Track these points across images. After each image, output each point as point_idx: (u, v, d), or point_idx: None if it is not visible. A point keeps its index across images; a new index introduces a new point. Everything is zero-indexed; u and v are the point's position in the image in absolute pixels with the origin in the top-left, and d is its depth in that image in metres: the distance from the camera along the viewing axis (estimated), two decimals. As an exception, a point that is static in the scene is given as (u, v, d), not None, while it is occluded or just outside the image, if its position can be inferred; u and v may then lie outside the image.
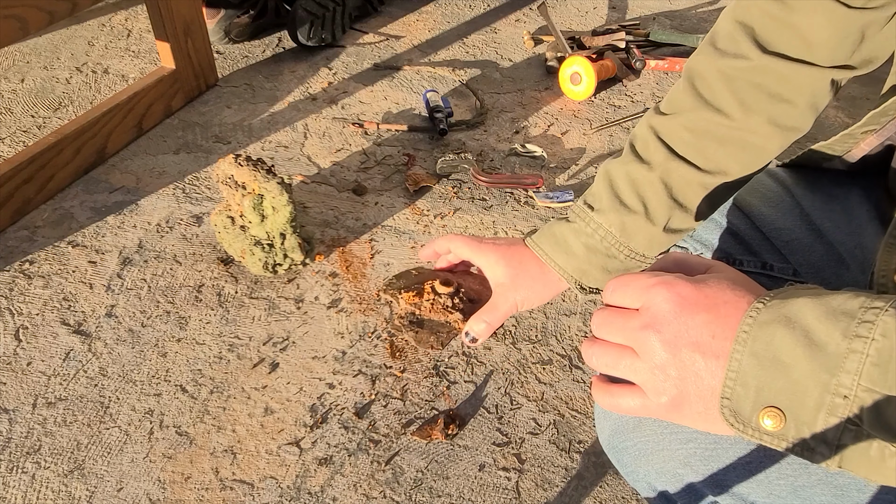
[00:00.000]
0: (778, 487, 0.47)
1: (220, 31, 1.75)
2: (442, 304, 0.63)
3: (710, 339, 0.39)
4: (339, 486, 0.88)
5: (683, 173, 0.57)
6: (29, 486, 0.86)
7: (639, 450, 0.54)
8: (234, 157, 1.08)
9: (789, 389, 0.37)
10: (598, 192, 0.60)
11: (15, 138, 1.42)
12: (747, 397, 0.38)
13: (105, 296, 1.10)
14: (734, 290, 0.40)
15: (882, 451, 0.35)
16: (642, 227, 0.58)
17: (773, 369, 0.37)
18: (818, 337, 0.37)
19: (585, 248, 0.59)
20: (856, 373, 0.35)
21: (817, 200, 0.65)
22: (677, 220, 0.59)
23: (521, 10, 2.05)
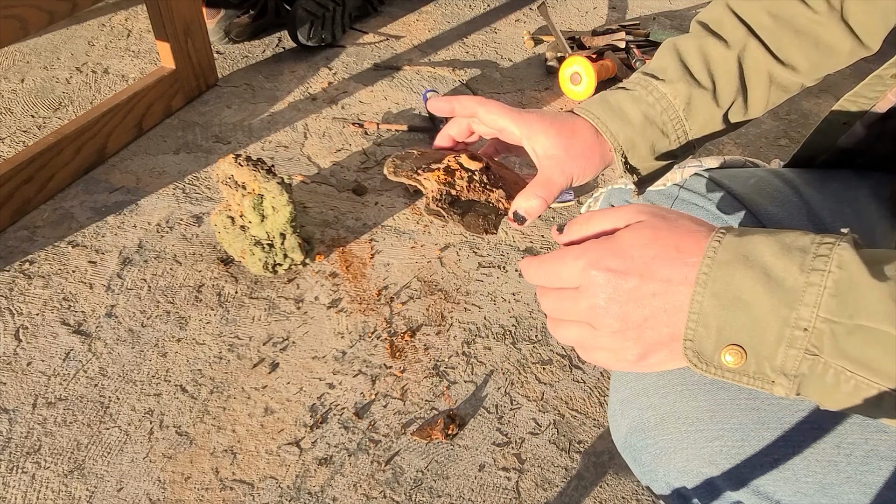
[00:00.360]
0: (805, 485, 0.47)
1: (220, 31, 1.75)
2: (479, 182, 0.53)
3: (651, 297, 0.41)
4: (339, 486, 0.88)
5: (758, 56, 0.56)
6: (29, 486, 0.86)
7: (660, 448, 0.52)
8: (234, 157, 1.08)
9: (750, 326, 0.38)
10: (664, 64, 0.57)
11: (15, 138, 1.42)
12: (709, 338, 0.39)
13: (105, 296, 1.10)
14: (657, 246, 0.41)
15: (837, 378, 0.37)
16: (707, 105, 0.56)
17: (734, 308, 0.39)
18: (776, 273, 0.38)
19: (643, 118, 0.55)
20: (814, 305, 0.37)
21: (827, 200, 0.65)
22: (736, 108, 0.57)
23: (521, 10, 2.05)
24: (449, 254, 1.22)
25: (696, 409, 0.50)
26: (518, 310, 1.12)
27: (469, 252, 1.22)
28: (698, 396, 0.50)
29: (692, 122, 0.56)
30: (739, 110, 0.58)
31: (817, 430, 0.47)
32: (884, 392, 0.36)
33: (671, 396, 0.52)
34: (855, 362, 0.36)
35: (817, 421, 0.47)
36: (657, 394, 0.52)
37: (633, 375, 0.55)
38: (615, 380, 0.58)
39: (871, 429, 0.46)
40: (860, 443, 0.46)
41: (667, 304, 0.41)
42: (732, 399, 0.49)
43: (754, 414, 0.48)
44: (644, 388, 0.54)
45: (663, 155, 0.58)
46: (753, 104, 0.58)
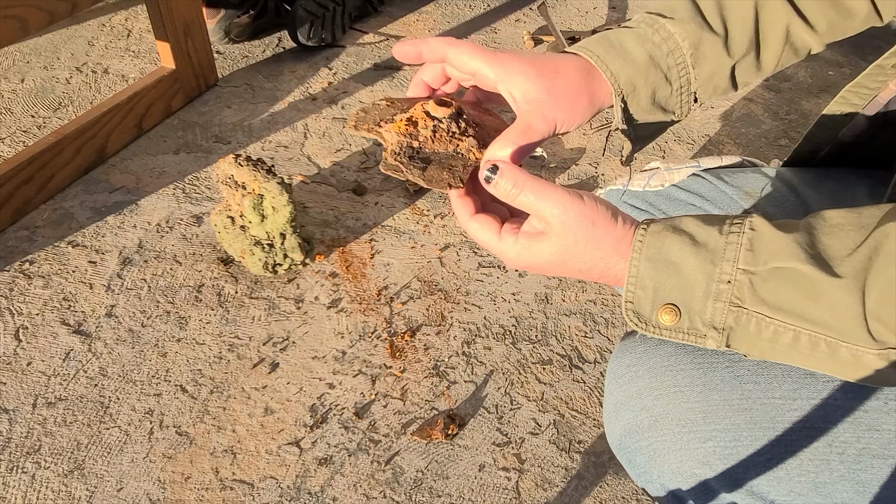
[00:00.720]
0: (798, 485, 0.47)
1: (220, 31, 1.75)
2: (446, 130, 0.47)
3: None
4: (339, 486, 0.88)
5: (778, 8, 0.53)
6: (29, 486, 0.86)
7: (654, 450, 0.53)
8: (234, 157, 1.08)
9: (681, 285, 0.42)
10: (673, 4, 0.52)
11: (15, 138, 1.42)
12: (646, 298, 0.43)
13: (105, 296, 1.10)
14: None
15: (759, 326, 0.41)
16: (716, 54, 0.52)
17: (667, 270, 0.43)
18: (701, 238, 0.43)
19: (648, 59, 0.50)
20: (734, 259, 0.41)
21: (824, 200, 0.65)
22: (747, 63, 0.54)
23: (521, 10, 2.05)
24: (449, 254, 1.22)
25: (688, 411, 0.50)
26: (518, 310, 1.12)
27: (469, 252, 1.22)
28: (690, 398, 0.51)
29: (699, 70, 0.52)
30: (750, 66, 0.55)
31: (809, 430, 0.47)
32: (799, 333, 0.40)
33: (664, 398, 0.52)
34: (772, 307, 0.41)
35: (810, 420, 0.47)
36: (650, 396, 0.53)
37: (627, 378, 0.55)
38: (609, 383, 0.58)
39: (863, 427, 0.46)
40: (852, 441, 0.46)
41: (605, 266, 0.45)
42: (725, 400, 0.50)
43: (746, 414, 0.49)
44: (638, 391, 0.54)
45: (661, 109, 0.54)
46: (765, 62, 0.55)
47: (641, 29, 0.51)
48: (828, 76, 1.80)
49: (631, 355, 0.55)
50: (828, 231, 0.41)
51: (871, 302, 0.38)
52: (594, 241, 0.45)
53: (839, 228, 0.41)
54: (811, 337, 0.40)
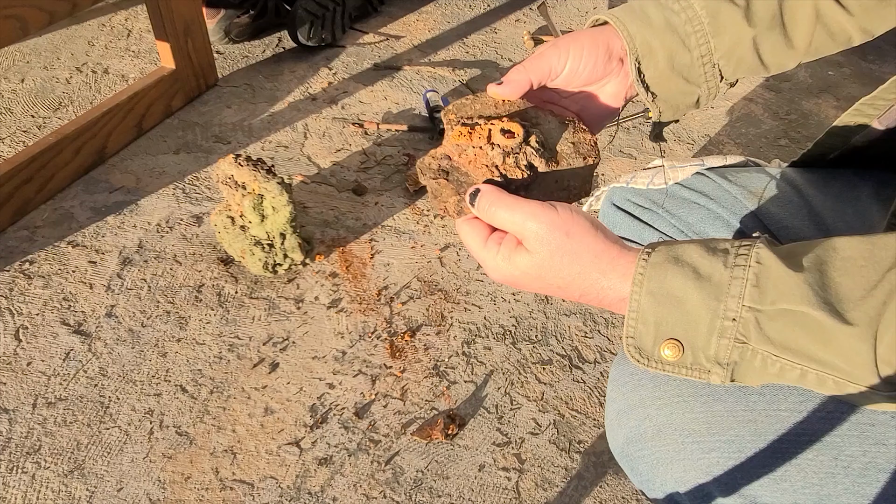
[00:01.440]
0: (803, 497, 0.47)
1: (220, 31, 1.75)
2: (488, 160, 0.47)
3: None
4: (339, 486, 0.88)
5: None
6: (29, 486, 0.86)
7: (657, 459, 0.52)
8: (234, 157, 1.08)
9: (684, 321, 0.42)
10: None
11: (15, 138, 1.42)
12: (648, 333, 0.43)
13: (105, 296, 1.10)
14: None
15: (764, 362, 0.40)
16: (736, 24, 0.52)
17: (669, 304, 0.42)
18: (704, 270, 0.41)
19: (665, 22, 0.52)
20: (739, 296, 0.40)
21: (828, 201, 0.65)
22: (772, 40, 0.53)
23: (521, 10, 2.05)
24: (449, 254, 1.22)
25: (692, 421, 0.50)
26: (518, 310, 1.12)
27: (467, 252, 1.22)
28: (695, 408, 0.50)
29: (718, 40, 0.53)
30: (778, 42, 0.54)
31: (815, 443, 0.47)
32: (806, 371, 0.40)
33: (668, 408, 0.51)
34: (778, 346, 0.40)
35: (815, 433, 0.47)
36: (654, 405, 0.52)
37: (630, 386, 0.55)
38: (612, 390, 0.57)
39: (869, 441, 0.46)
40: (858, 455, 0.46)
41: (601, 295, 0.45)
42: (729, 411, 0.49)
43: (751, 426, 0.48)
44: (641, 400, 0.53)
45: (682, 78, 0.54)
46: (796, 40, 0.54)
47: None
48: (828, 76, 1.80)
49: None
50: (839, 267, 0.40)
51: (882, 347, 0.38)
52: (570, 254, 0.44)
53: (851, 263, 0.40)
54: (819, 375, 0.40)
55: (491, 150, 0.48)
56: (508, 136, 0.48)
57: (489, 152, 0.48)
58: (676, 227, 0.69)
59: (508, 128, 0.48)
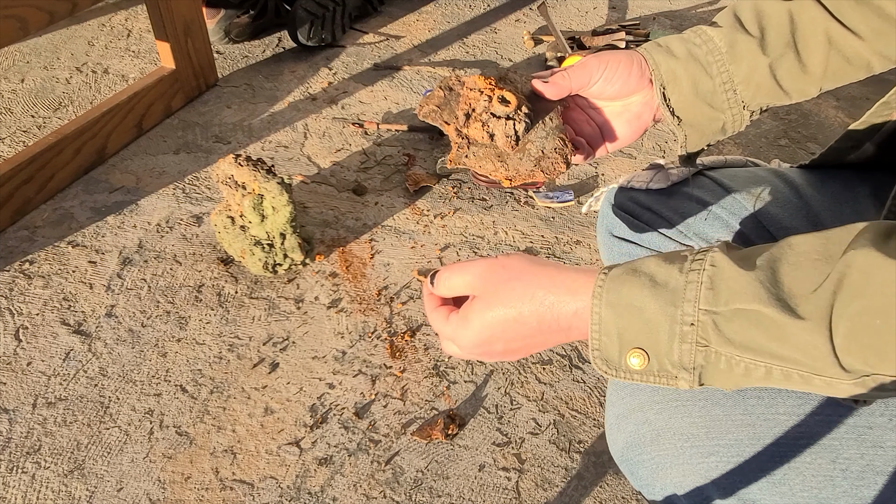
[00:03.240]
0: (801, 500, 0.47)
1: (220, 31, 1.75)
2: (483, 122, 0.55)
3: None
4: (339, 486, 0.88)
5: (814, 15, 0.56)
6: (29, 486, 0.86)
7: (656, 464, 0.52)
8: (234, 157, 1.08)
9: (645, 329, 0.42)
10: (720, 17, 0.59)
11: (15, 138, 1.42)
12: (612, 344, 0.43)
13: (105, 296, 1.10)
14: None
15: (729, 363, 0.41)
16: (752, 52, 0.56)
17: (628, 314, 0.43)
18: (661, 278, 0.42)
19: (687, 53, 0.57)
20: (695, 300, 0.41)
21: (826, 201, 0.65)
22: (787, 65, 0.57)
23: (521, 10, 2.05)
24: (449, 254, 1.22)
25: (691, 425, 0.50)
26: (518, 310, 1.12)
27: (469, 252, 1.22)
28: (693, 412, 0.51)
29: (736, 66, 0.57)
30: (793, 68, 0.57)
31: (813, 446, 0.47)
32: (771, 368, 0.40)
33: (666, 412, 0.52)
34: (738, 346, 0.40)
35: (813, 436, 0.47)
36: (652, 409, 0.53)
37: (629, 391, 0.55)
38: (611, 394, 0.58)
39: (867, 444, 0.46)
40: (856, 458, 0.46)
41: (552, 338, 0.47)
42: (727, 415, 0.49)
43: (749, 430, 0.49)
44: (640, 404, 0.54)
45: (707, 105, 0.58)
46: (811, 66, 0.57)
47: (686, 34, 0.59)
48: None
49: None
50: (793, 262, 0.40)
51: (839, 338, 0.38)
52: (512, 279, 0.47)
53: (804, 258, 0.40)
54: (784, 371, 0.40)
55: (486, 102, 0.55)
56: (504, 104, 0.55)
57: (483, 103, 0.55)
58: (676, 227, 0.69)
59: (507, 97, 0.55)
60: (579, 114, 0.61)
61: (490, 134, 0.55)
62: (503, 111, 0.55)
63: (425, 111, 0.57)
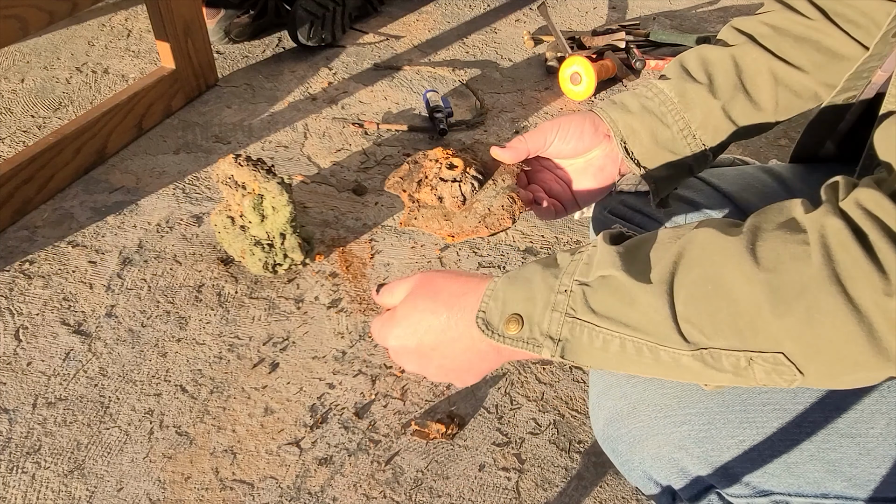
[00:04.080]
0: (771, 465, 0.48)
1: (220, 31, 1.75)
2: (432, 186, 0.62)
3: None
4: (339, 486, 0.88)
5: (756, 56, 0.60)
6: (29, 486, 0.86)
7: (633, 437, 0.54)
8: (234, 157, 1.08)
9: (526, 297, 0.46)
10: (667, 71, 0.63)
11: (15, 138, 1.42)
12: (496, 309, 0.47)
13: (105, 296, 1.10)
14: None
15: (591, 336, 0.44)
16: (703, 98, 0.60)
17: (518, 283, 0.47)
18: (557, 259, 0.48)
19: (641, 107, 0.61)
20: (572, 273, 0.45)
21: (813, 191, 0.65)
22: (739, 106, 0.60)
23: (521, 10, 2.05)
24: (449, 254, 1.22)
25: (664, 396, 0.52)
26: (518, 310, 1.12)
27: (469, 252, 1.22)
28: (665, 384, 0.53)
29: (691, 113, 0.60)
30: (746, 107, 0.60)
31: (779, 411, 0.49)
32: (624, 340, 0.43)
33: (641, 385, 0.54)
34: (599, 315, 0.43)
35: (779, 402, 0.49)
36: (629, 383, 0.55)
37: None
38: (593, 374, 0.60)
39: (829, 407, 0.48)
40: (820, 421, 0.48)
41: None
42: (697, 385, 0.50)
43: (718, 398, 0.51)
44: (617, 380, 0.56)
45: (668, 151, 0.61)
46: (762, 103, 0.60)
47: (638, 89, 0.62)
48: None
49: None
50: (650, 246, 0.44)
51: (679, 305, 0.41)
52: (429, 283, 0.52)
53: (662, 238, 0.45)
54: (635, 343, 0.43)
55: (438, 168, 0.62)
56: (451, 169, 0.61)
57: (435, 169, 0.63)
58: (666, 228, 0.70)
59: (455, 163, 0.61)
60: (547, 174, 0.66)
61: (439, 197, 0.61)
62: (450, 175, 0.61)
63: (390, 183, 0.64)
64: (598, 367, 0.45)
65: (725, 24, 0.66)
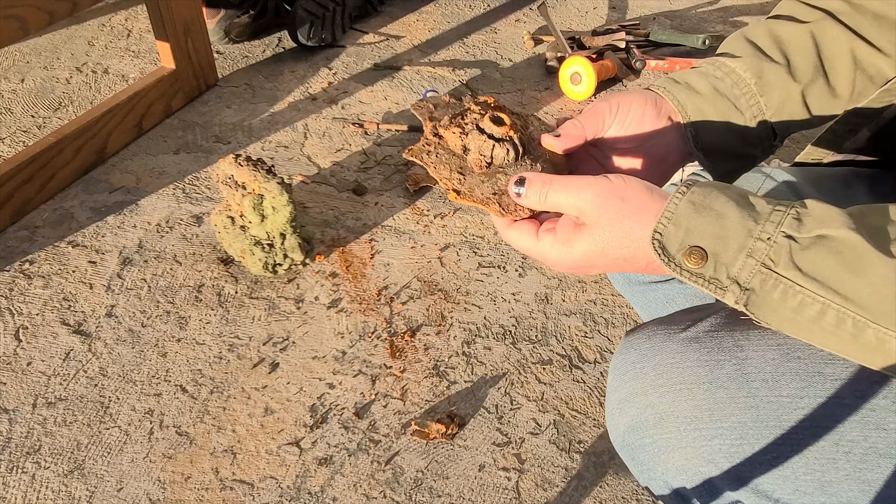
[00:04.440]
0: (804, 483, 0.47)
1: (220, 31, 1.75)
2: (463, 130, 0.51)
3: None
4: (339, 486, 0.88)
5: (837, 35, 0.54)
6: (29, 486, 0.86)
7: (658, 447, 0.52)
8: (234, 157, 1.08)
9: (716, 233, 0.42)
10: (731, 48, 0.55)
11: (15, 138, 1.42)
12: (676, 236, 0.42)
13: (105, 296, 1.10)
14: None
15: (785, 293, 0.40)
16: (782, 81, 0.53)
17: (706, 214, 0.42)
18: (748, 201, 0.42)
19: (712, 89, 0.54)
20: (778, 223, 0.41)
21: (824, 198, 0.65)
22: (818, 90, 0.54)
23: (521, 10, 2.05)
24: (449, 254, 1.22)
25: (694, 408, 0.50)
26: (518, 310, 1.12)
27: (469, 252, 1.22)
28: (697, 395, 0.50)
29: (768, 98, 0.54)
30: (823, 93, 0.55)
31: (816, 428, 0.47)
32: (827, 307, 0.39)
33: (670, 395, 0.51)
34: (805, 275, 0.39)
35: (816, 419, 0.47)
36: (656, 393, 0.52)
37: (632, 374, 0.54)
38: (613, 379, 0.57)
39: (870, 426, 0.46)
40: (859, 440, 0.46)
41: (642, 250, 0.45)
42: (731, 398, 0.49)
43: (753, 412, 0.48)
44: (643, 388, 0.53)
45: (739, 141, 0.55)
46: (840, 89, 0.55)
47: (703, 68, 0.54)
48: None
49: (636, 352, 0.54)
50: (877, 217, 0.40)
51: None
52: (630, 217, 0.44)
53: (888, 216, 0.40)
54: (839, 313, 0.39)
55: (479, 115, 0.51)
56: (498, 124, 0.51)
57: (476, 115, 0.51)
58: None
59: (502, 118, 0.51)
60: (592, 164, 0.56)
61: (465, 146, 0.51)
62: (490, 129, 0.51)
63: (419, 104, 0.54)
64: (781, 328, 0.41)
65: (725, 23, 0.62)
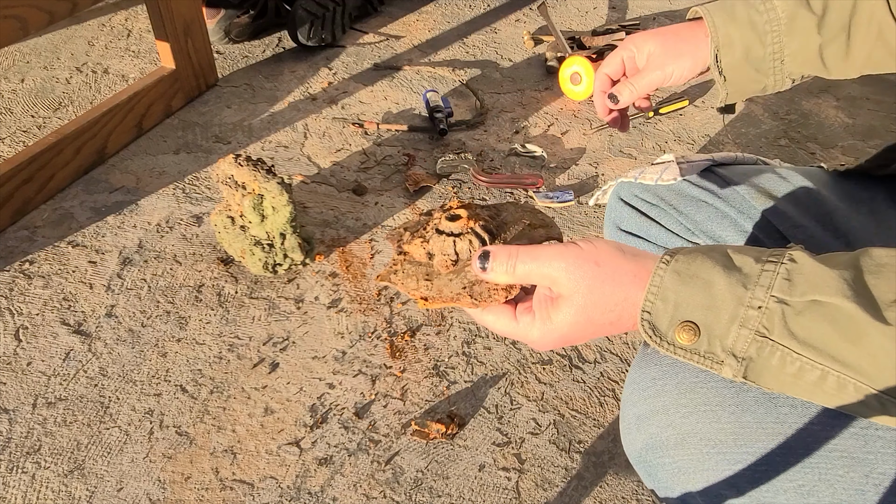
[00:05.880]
0: None
1: (220, 31, 1.75)
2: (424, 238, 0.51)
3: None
4: (339, 486, 0.88)
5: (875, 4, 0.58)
6: (29, 486, 0.86)
7: (678, 468, 0.50)
8: (234, 157, 1.08)
9: (706, 304, 0.40)
10: None
11: (15, 138, 1.42)
12: (666, 312, 0.41)
13: (105, 296, 1.10)
14: None
15: (783, 360, 0.39)
16: (808, 30, 0.59)
17: (693, 285, 0.41)
18: (735, 262, 0.41)
19: (748, 20, 0.60)
20: (768, 286, 0.39)
21: (842, 200, 0.64)
22: (836, 48, 0.60)
23: (521, 10, 2.05)
24: (449, 254, 1.22)
25: (719, 431, 0.48)
26: (518, 310, 1.12)
27: (469, 252, 1.22)
28: (721, 418, 0.48)
29: (790, 39, 0.60)
30: (839, 52, 0.60)
31: (846, 459, 0.45)
32: (827, 373, 0.38)
33: (693, 416, 0.50)
34: (802, 343, 0.38)
35: (847, 449, 0.46)
36: (678, 413, 0.50)
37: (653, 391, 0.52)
38: (631, 393, 0.55)
39: None
40: (891, 473, 0.44)
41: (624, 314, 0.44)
42: (758, 422, 0.47)
43: (780, 439, 0.47)
44: (664, 406, 0.52)
45: (753, 69, 0.62)
46: (855, 53, 0.60)
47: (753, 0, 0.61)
48: (828, 76, 1.79)
49: (656, 367, 0.53)
50: (874, 271, 0.38)
51: None
52: (609, 281, 0.43)
53: (886, 269, 0.39)
54: (839, 379, 0.38)
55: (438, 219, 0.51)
56: (454, 220, 0.50)
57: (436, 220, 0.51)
58: (683, 224, 0.68)
59: (458, 213, 0.51)
60: None
61: (429, 253, 0.50)
62: (448, 227, 0.49)
63: (391, 233, 0.55)
64: (783, 391, 0.40)
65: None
